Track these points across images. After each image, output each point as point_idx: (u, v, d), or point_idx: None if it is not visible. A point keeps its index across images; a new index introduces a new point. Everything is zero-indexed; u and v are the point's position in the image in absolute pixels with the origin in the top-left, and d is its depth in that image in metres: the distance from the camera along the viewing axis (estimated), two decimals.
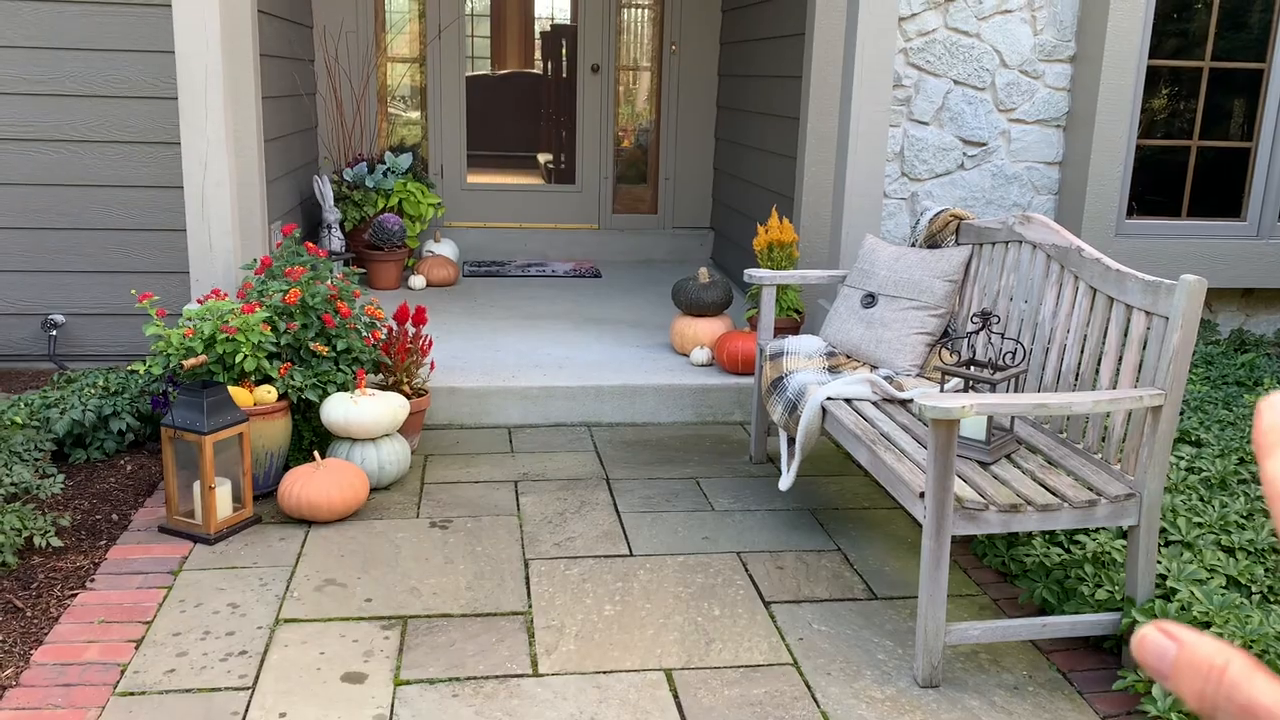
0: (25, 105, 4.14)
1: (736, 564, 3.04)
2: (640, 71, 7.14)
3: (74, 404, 3.48)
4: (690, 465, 3.77)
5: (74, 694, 2.32)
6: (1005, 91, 5.03)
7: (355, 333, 3.53)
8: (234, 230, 3.86)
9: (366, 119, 6.49)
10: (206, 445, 2.98)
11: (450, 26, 6.69)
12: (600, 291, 5.92)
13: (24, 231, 4.23)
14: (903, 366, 3.36)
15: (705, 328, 4.52)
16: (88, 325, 4.31)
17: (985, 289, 3.31)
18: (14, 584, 2.73)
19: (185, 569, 2.88)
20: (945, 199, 5.09)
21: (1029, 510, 2.43)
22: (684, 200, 7.08)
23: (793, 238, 4.61)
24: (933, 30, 4.92)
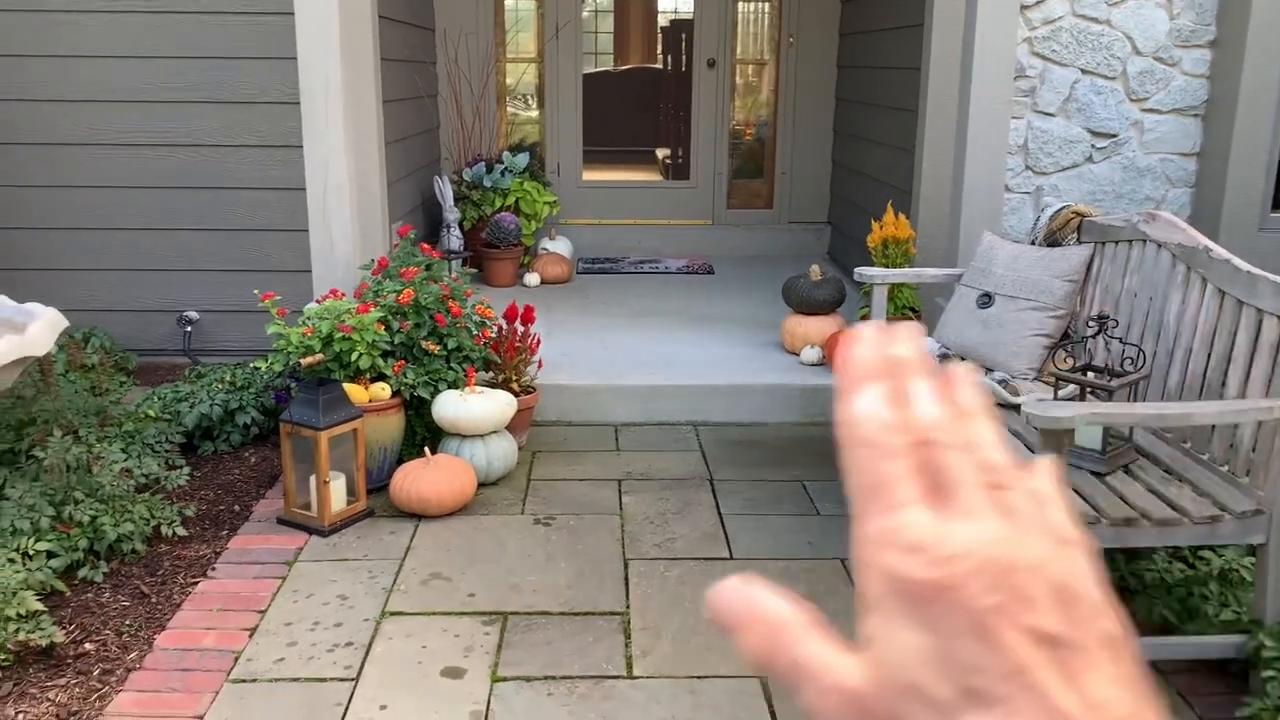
0: (165, 112, 4.35)
1: (840, 571, 2.99)
2: (757, 65, 7.08)
3: (203, 398, 3.64)
4: (797, 467, 3.72)
5: (190, 679, 2.43)
6: (1138, 80, 4.80)
7: (466, 331, 3.59)
8: (353, 231, 3.98)
9: (486, 119, 6.61)
10: (322, 440, 3.09)
11: (568, 25, 6.76)
12: (712, 288, 5.90)
13: (162, 232, 4.45)
14: (1019, 370, 3.24)
15: (816, 326, 4.45)
16: (219, 322, 4.52)
17: (1107, 290, 3.16)
18: (142, 571, 2.89)
19: (300, 560, 2.99)
20: (1072, 193, 4.89)
21: (1145, 525, 2.31)
22: (800, 195, 7.00)
23: (909, 234, 4.50)
24: (1059, 18, 4.73)
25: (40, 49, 4.30)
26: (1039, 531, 0.33)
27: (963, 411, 0.36)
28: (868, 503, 0.34)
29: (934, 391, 0.36)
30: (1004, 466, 0.35)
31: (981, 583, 0.31)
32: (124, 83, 4.33)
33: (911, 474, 0.34)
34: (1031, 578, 0.31)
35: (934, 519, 0.33)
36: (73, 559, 2.79)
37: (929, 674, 0.31)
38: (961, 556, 0.32)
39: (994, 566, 0.31)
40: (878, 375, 0.36)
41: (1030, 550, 0.32)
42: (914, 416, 0.35)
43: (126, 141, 4.37)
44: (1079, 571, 0.33)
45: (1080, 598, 0.32)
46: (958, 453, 0.34)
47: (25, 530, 2.73)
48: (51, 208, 4.44)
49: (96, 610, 2.69)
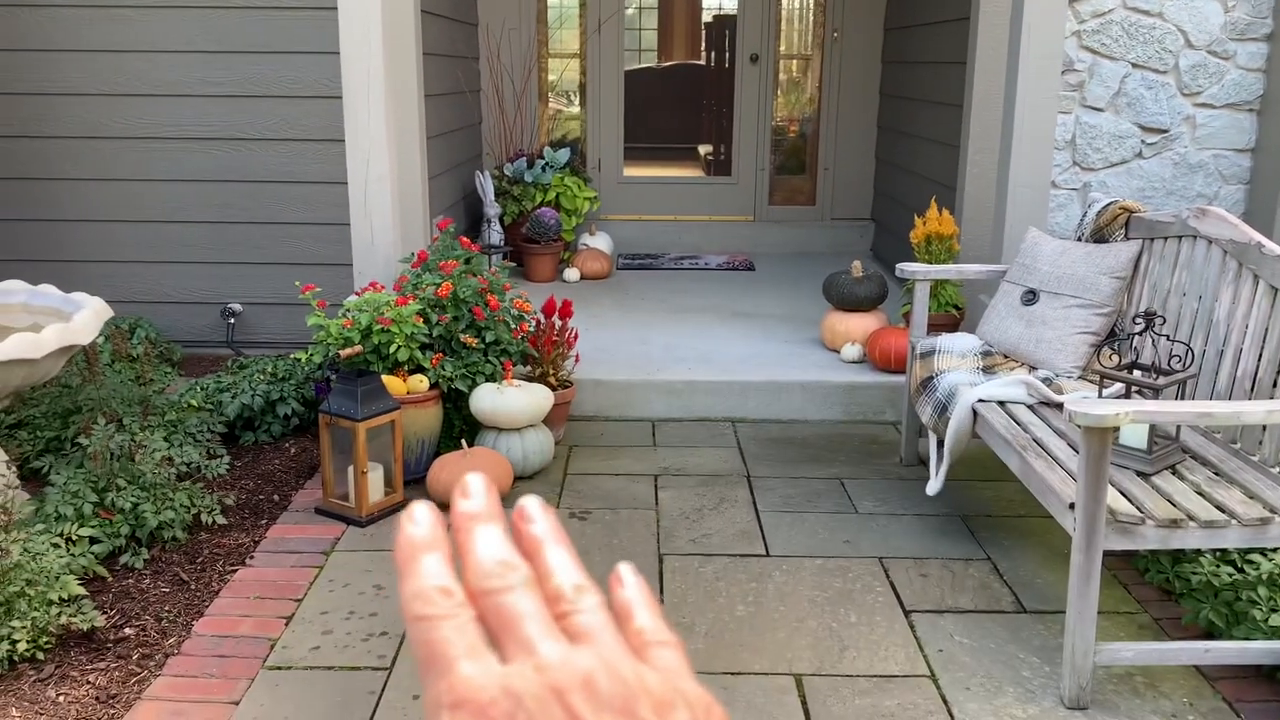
0: (210, 106, 4.40)
1: (877, 569, 2.95)
2: (801, 60, 7.03)
3: (244, 389, 3.68)
4: (835, 465, 3.68)
5: (227, 665, 2.46)
6: (1190, 74, 4.70)
7: (504, 325, 3.60)
8: (394, 224, 4.00)
9: (527, 114, 6.62)
10: (360, 431, 3.10)
11: (609, 21, 6.75)
12: (752, 285, 5.86)
13: (207, 225, 4.51)
14: (1063, 368, 3.18)
15: (857, 323, 4.41)
16: (262, 313, 4.56)
17: (1155, 287, 3.09)
18: (182, 558, 2.92)
19: (336, 550, 3.01)
20: (1121, 190, 4.80)
21: (1191, 526, 2.25)
22: (844, 191, 6.94)
23: (953, 230, 4.44)
24: (1109, 11, 4.64)
25: (87, 43, 4.37)
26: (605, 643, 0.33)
27: (535, 545, 0.37)
28: (426, 675, 0.33)
29: (495, 535, 0.36)
30: (574, 589, 0.35)
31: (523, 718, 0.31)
32: (168, 77, 4.39)
33: (464, 628, 0.33)
34: (580, 697, 0.31)
35: (480, 667, 0.32)
36: (114, 545, 2.83)
37: None
38: (500, 698, 0.31)
39: (537, 697, 0.31)
40: (430, 545, 0.36)
41: (582, 665, 0.32)
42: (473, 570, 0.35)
43: (171, 135, 4.43)
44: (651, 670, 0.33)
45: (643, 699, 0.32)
46: (516, 593, 0.34)
47: (69, 516, 2.77)
48: (98, 200, 4.51)
49: (137, 596, 2.73)
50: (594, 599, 0.35)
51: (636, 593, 0.38)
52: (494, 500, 0.38)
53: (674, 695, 0.33)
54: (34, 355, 2.73)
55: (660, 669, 0.34)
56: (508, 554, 0.36)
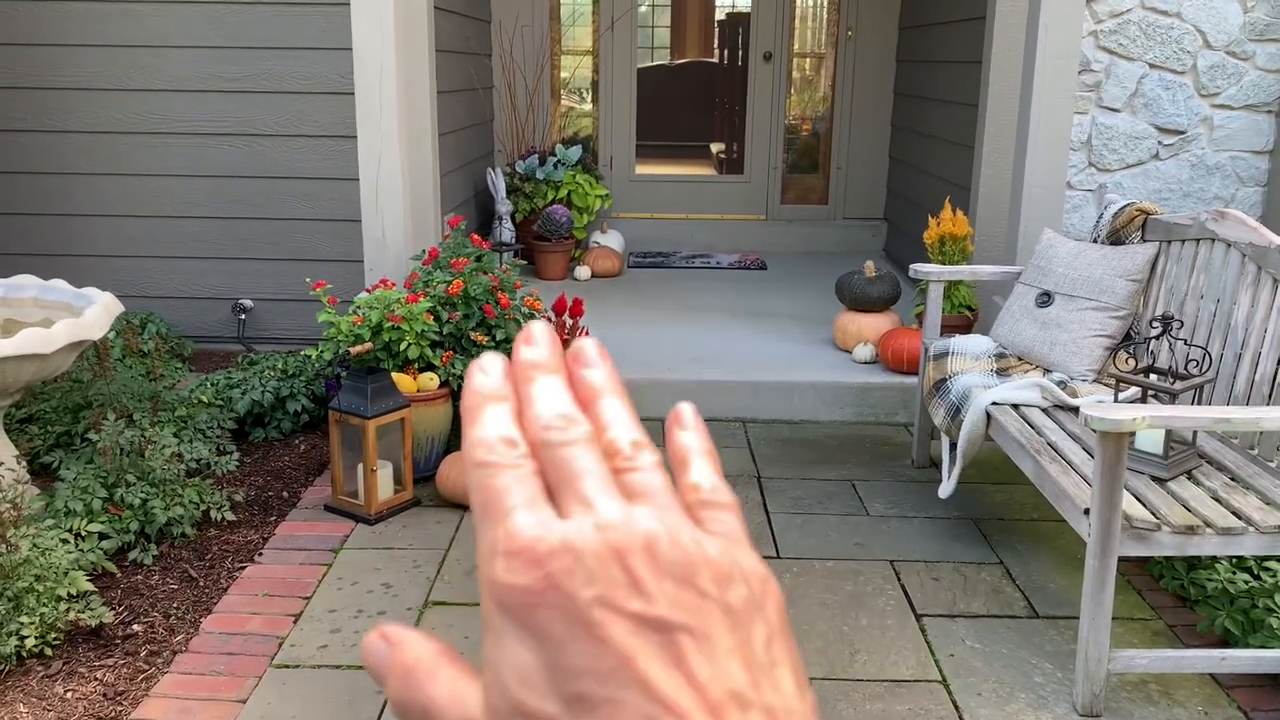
0: (222, 101, 4.40)
1: (889, 573, 2.93)
2: (814, 58, 7.00)
3: (255, 385, 3.68)
4: (847, 467, 3.66)
5: (235, 663, 2.45)
6: (1208, 75, 4.66)
7: (514, 323, 3.58)
8: (405, 221, 3.99)
9: (539, 112, 6.60)
10: (370, 429, 3.09)
11: (622, 18, 6.73)
12: (764, 284, 5.84)
13: (218, 221, 4.50)
14: (1078, 371, 3.15)
15: (870, 324, 4.38)
16: (273, 310, 4.56)
17: (1172, 290, 3.06)
18: (191, 554, 2.91)
19: (345, 547, 3.00)
20: (1137, 191, 4.76)
21: (1207, 533, 2.23)
22: (856, 190, 6.90)
23: (966, 231, 4.41)
24: (1126, 11, 4.60)
25: (99, 38, 4.37)
26: (663, 505, 0.32)
27: (590, 392, 0.35)
28: (482, 522, 0.32)
29: (556, 386, 0.35)
30: (631, 444, 0.34)
31: (582, 574, 0.30)
32: (181, 72, 4.38)
33: (525, 480, 0.32)
34: (641, 560, 0.30)
35: (539, 518, 0.31)
36: (123, 541, 2.82)
37: (534, 689, 0.30)
38: (560, 551, 0.30)
39: (597, 555, 0.30)
40: (498, 396, 0.34)
41: (644, 528, 0.31)
42: (533, 420, 0.34)
43: (183, 130, 4.43)
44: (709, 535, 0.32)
45: (703, 569, 0.31)
46: (576, 447, 0.33)
47: (78, 511, 2.77)
48: (110, 196, 4.51)
49: (145, 592, 2.72)
50: (651, 457, 0.34)
51: (696, 439, 0.36)
52: (557, 349, 0.36)
53: (733, 567, 0.31)
54: (44, 350, 2.72)
55: (718, 534, 0.33)
56: (569, 407, 0.34)
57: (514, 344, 0.36)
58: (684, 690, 0.29)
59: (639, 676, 0.29)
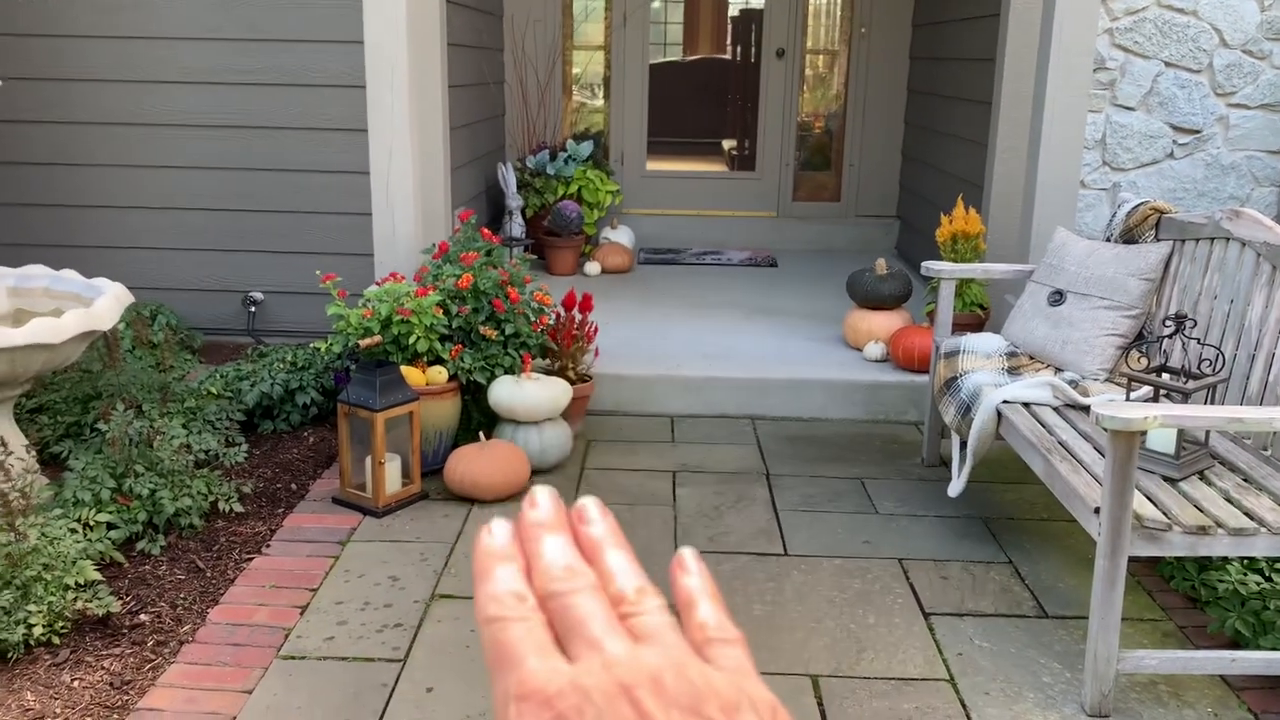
0: (232, 94, 4.40)
1: (897, 571, 2.92)
2: (828, 55, 6.98)
3: (264, 377, 3.68)
4: (856, 465, 3.65)
5: (241, 654, 2.45)
6: (1224, 73, 4.62)
7: (523, 318, 3.58)
8: (416, 215, 3.99)
9: (551, 107, 6.60)
10: (378, 422, 3.09)
11: (635, 14, 6.72)
12: (774, 281, 5.83)
13: (229, 213, 4.51)
14: (1090, 370, 3.13)
15: (881, 321, 4.36)
16: (283, 302, 4.56)
17: (1185, 289, 3.04)
18: (198, 545, 2.92)
19: (353, 540, 3.00)
20: (1151, 191, 4.73)
21: (1219, 533, 2.21)
22: (869, 188, 6.88)
23: (979, 229, 4.39)
24: (1142, 9, 4.57)
25: (110, 30, 4.38)
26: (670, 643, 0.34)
27: (595, 548, 0.37)
28: (497, 672, 0.34)
29: (561, 543, 0.37)
30: (636, 591, 0.36)
31: (591, 712, 0.31)
32: (192, 64, 4.39)
33: (534, 630, 0.34)
34: (648, 694, 0.31)
35: (549, 663, 0.33)
36: (132, 531, 2.83)
37: None
38: (569, 691, 0.32)
39: (605, 692, 0.31)
40: (506, 556, 0.37)
41: (650, 665, 0.32)
42: (540, 574, 0.36)
43: (194, 123, 4.44)
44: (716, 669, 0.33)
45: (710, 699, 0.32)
46: (582, 595, 0.35)
47: (87, 501, 2.78)
48: (121, 187, 4.52)
49: (153, 582, 2.73)
50: (656, 600, 0.36)
51: (699, 582, 0.38)
52: (560, 511, 0.38)
53: (740, 696, 0.33)
54: (54, 340, 2.73)
55: (725, 669, 0.34)
56: (574, 560, 0.36)
57: (521, 508, 0.39)
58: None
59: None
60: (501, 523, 0.38)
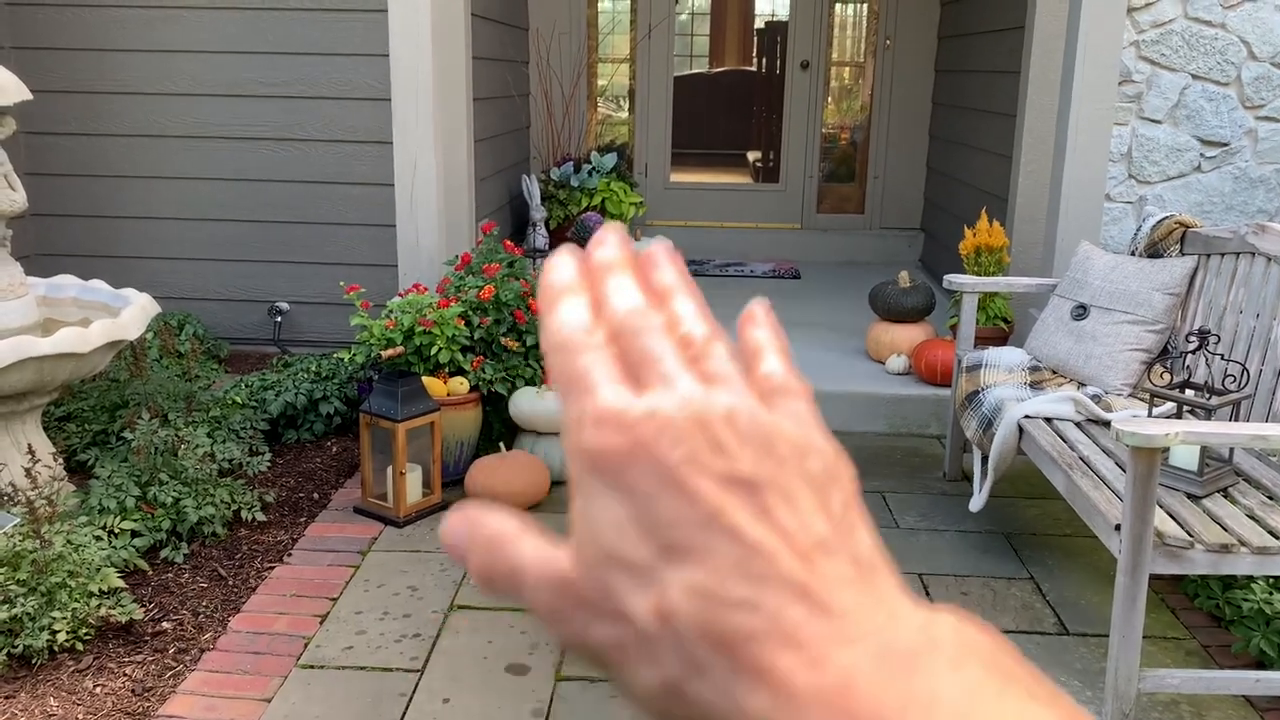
0: (259, 106, 4.45)
1: (918, 586, 2.90)
2: (853, 67, 6.97)
3: (288, 387, 3.71)
4: (877, 479, 3.63)
5: (261, 662, 2.47)
6: (1253, 86, 4.58)
7: None
8: (439, 227, 4.02)
9: (575, 119, 6.63)
10: (400, 432, 3.11)
11: (660, 27, 6.74)
12: (797, 293, 5.82)
13: (255, 224, 4.56)
14: (1113, 385, 3.11)
15: (903, 334, 4.35)
16: (308, 313, 4.60)
17: (1210, 304, 3.01)
18: (221, 553, 2.94)
19: (373, 550, 3.02)
20: (1178, 204, 4.69)
21: (1242, 551, 2.19)
22: (893, 200, 6.86)
23: (1003, 242, 4.37)
24: (1169, 21, 4.54)
25: (140, 44, 4.44)
26: (737, 387, 0.34)
27: (662, 292, 0.37)
28: (567, 397, 0.34)
29: (629, 283, 0.36)
30: (704, 337, 0.35)
31: (669, 437, 0.32)
32: (221, 77, 4.44)
33: (605, 362, 0.34)
34: (724, 427, 0.32)
35: (623, 392, 0.33)
36: (155, 539, 2.86)
37: (626, 540, 0.32)
38: (646, 418, 0.32)
39: (681, 422, 0.32)
40: (575, 289, 0.36)
41: (722, 402, 0.33)
42: (610, 311, 0.35)
43: (222, 134, 4.49)
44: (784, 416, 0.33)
45: (780, 441, 0.32)
46: (653, 335, 0.35)
47: (112, 509, 2.81)
48: (150, 198, 4.58)
49: (175, 590, 2.76)
50: (724, 348, 0.36)
51: (767, 334, 0.38)
52: (629, 251, 0.38)
53: (807, 441, 0.33)
54: (81, 349, 2.77)
55: (791, 416, 0.34)
56: (643, 301, 0.36)
57: (587, 248, 0.38)
58: (772, 537, 0.31)
59: (728, 525, 0.31)
60: (568, 258, 0.37)
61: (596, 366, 0.34)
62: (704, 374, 0.34)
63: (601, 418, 0.33)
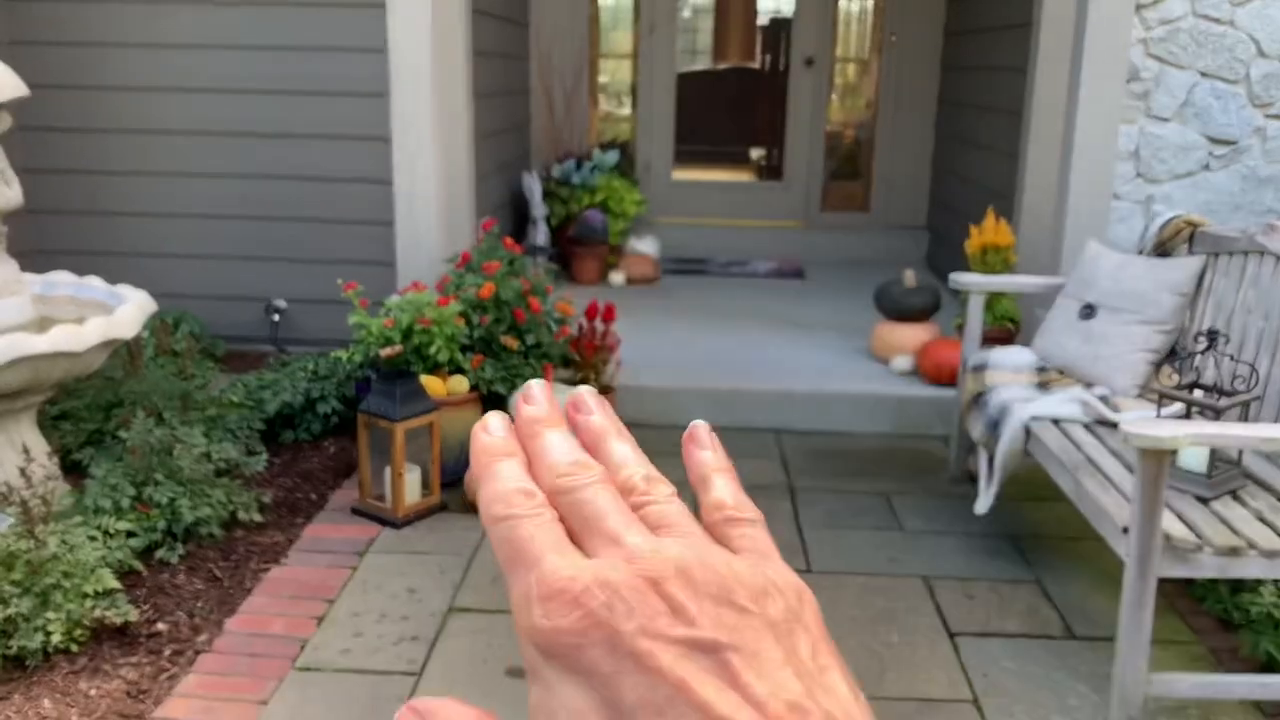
0: (257, 102, 4.42)
1: (922, 589, 2.87)
2: (857, 64, 6.93)
3: (285, 386, 3.68)
4: (882, 480, 3.59)
5: (258, 664, 2.44)
6: (1262, 84, 4.54)
7: (545, 328, 3.56)
8: (439, 224, 3.99)
9: (577, 116, 6.59)
10: (398, 432, 3.08)
11: (664, 23, 6.70)
12: (801, 292, 5.78)
13: (252, 221, 4.52)
14: (1121, 386, 3.07)
15: (908, 334, 4.31)
16: (306, 311, 4.57)
17: (1219, 304, 2.97)
18: (217, 554, 2.91)
19: (371, 551, 2.99)
20: (1186, 203, 4.64)
21: (1251, 554, 2.15)
22: (898, 198, 6.82)
23: (1009, 241, 4.33)
24: (1178, 18, 4.49)
25: (138, 38, 4.40)
26: (688, 532, 0.33)
27: (596, 438, 0.36)
28: (512, 573, 0.33)
29: (561, 437, 0.35)
30: (645, 480, 0.34)
31: (622, 608, 0.30)
32: (218, 72, 4.40)
33: (547, 527, 0.33)
34: (677, 585, 0.31)
35: (569, 560, 0.32)
36: (151, 540, 2.83)
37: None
38: (596, 588, 0.31)
39: (633, 586, 0.31)
40: (507, 452, 0.35)
41: (674, 554, 0.31)
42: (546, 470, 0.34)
43: (219, 130, 4.45)
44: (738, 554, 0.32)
45: (738, 588, 0.31)
46: (593, 490, 0.34)
47: (107, 509, 2.78)
48: (146, 195, 4.54)
49: (171, 591, 2.73)
50: (667, 489, 0.35)
51: (713, 458, 0.37)
52: (556, 405, 0.37)
53: (767, 582, 0.32)
54: (76, 348, 2.74)
55: (746, 550, 0.33)
56: (579, 454, 0.35)
57: (516, 404, 0.37)
58: (743, 708, 0.29)
59: (696, 701, 0.29)
60: (498, 418, 0.36)
61: (538, 535, 0.32)
62: (650, 521, 0.33)
63: (550, 593, 0.31)
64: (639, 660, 0.30)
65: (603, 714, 0.30)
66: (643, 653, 0.30)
